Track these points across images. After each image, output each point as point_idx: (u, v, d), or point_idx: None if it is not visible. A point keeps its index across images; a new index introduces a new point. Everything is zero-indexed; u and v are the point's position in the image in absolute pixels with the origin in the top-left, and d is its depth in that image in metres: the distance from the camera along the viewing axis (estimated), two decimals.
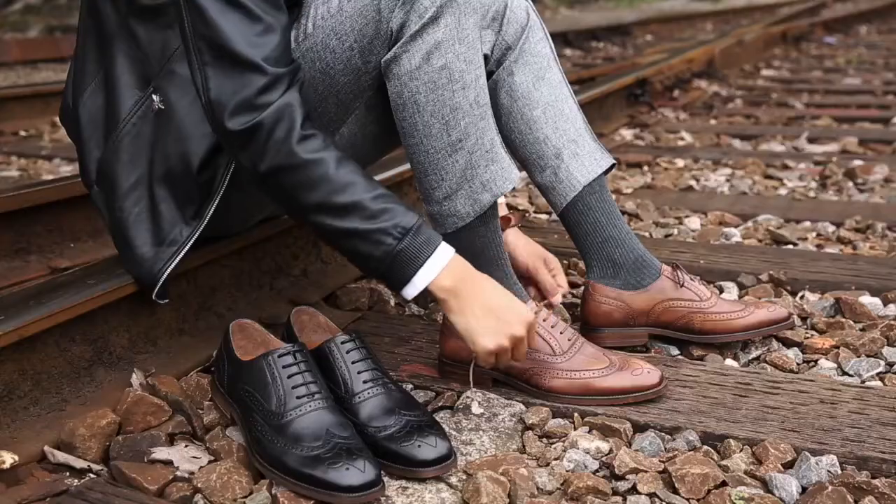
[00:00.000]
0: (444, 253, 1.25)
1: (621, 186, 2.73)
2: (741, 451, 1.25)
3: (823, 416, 1.31)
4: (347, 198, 1.21)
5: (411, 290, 1.24)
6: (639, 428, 1.32)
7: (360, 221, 1.21)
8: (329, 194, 1.22)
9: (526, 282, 1.63)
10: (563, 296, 1.69)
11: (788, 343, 1.60)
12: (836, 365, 1.52)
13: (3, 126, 3.93)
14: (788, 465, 1.22)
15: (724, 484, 1.18)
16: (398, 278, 1.24)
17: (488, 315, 1.26)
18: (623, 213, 2.33)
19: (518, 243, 1.67)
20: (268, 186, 1.26)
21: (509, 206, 2.44)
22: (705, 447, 1.26)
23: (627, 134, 3.64)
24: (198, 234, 1.39)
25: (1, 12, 10.01)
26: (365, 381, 1.26)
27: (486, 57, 1.52)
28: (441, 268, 1.24)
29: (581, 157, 1.53)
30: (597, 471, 1.23)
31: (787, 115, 3.98)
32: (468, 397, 1.37)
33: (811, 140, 3.43)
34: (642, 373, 1.36)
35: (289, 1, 1.33)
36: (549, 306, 1.63)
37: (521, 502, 1.15)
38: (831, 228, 2.29)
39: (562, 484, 1.20)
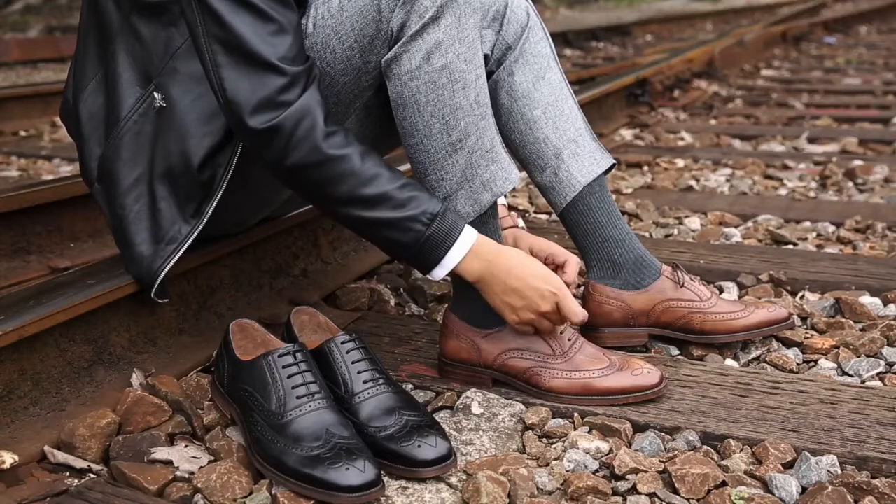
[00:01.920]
0: (470, 235, 1.30)
1: (621, 186, 2.73)
2: (741, 451, 1.25)
3: (823, 416, 1.31)
4: (375, 189, 1.25)
5: (440, 272, 1.30)
6: (639, 428, 1.32)
7: (390, 211, 1.26)
8: (356, 187, 1.25)
9: None
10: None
11: (788, 343, 1.60)
12: (836, 365, 1.52)
13: (3, 126, 3.93)
14: (788, 465, 1.22)
15: (724, 484, 1.18)
16: (427, 261, 1.29)
17: (512, 294, 1.32)
18: (623, 213, 2.34)
19: (519, 242, 1.63)
20: (293, 182, 1.30)
21: (510, 207, 2.43)
22: (705, 447, 1.26)
23: (627, 134, 3.64)
24: (197, 232, 1.39)
25: (1, 12, 10.01)
26: (365, 381, 1.27)
27: (486, 57, 1.52)
28: (467, 249, 1.29)
29: (581, 157, 1.53)
30: (597, 471, 1.23)
31: (787, 115, 3.98)
32: (468, 397, 1.37)
33: (811, 140, 3.43)
34: (642, 373, 1.36)
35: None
36: None
37: (521, 502, 1.15)
38: (831, 228, 2.30)
39: (562, 484, 1.20)
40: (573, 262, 1.56)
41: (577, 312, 1.33)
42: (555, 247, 1.59)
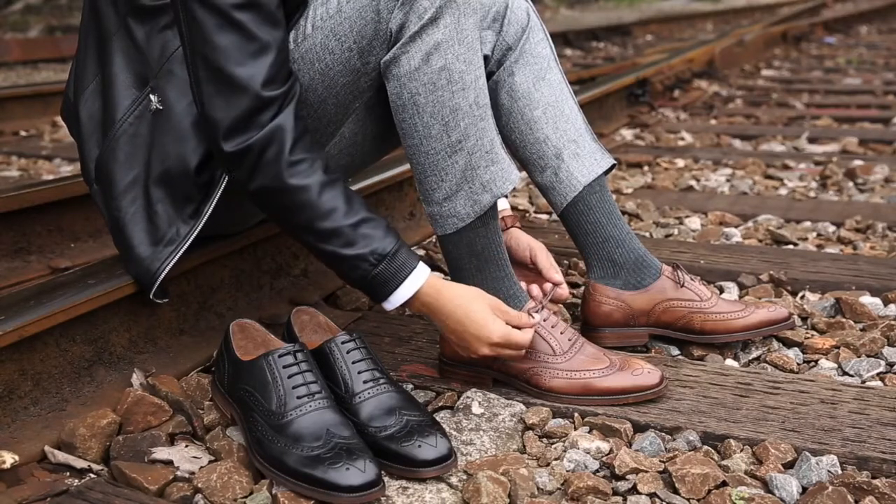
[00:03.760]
0: (419, 277, 1.30)
1: (622, 186, 2.73)
2: (741, 451, 1.25)
3: (824, 416, 1.31)
4: (328, 224, 1.27)
5: (388, 306, 1.32)
6: (639, 428, 1.32)
7: (340, 247, 1.28)
8: (311, 220, 1.28)
9: (527, 273, 1.58)
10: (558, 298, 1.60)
11: (789, 343, 1.60)
12: (836, 365, 1.52)
13: (3, 126, 3.93)
14: (789, 465, 1.22)
15: (724, 484, 1.18)
16: (376, 296, 1.32)
17: (457, 336, 1.34)
18: (623, 213, 2.34)
19: (517, 237, 1.59)
20: (257, 203, 1.33)
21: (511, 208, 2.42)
22: (706, 447, 1.26)
23: (628, 134, 3.64)
24: (196, 232, 1.39)
25: (1, 12, 10.01)
26: (365, 381, 1.26)
27: (486, 57, 1.52)
28: (414, 290, 1.30)
29: (581, 157, 1.53)
30: (597, 471, 1.23)
31: (788, 115, 3.98)
32: (468, 397, 1.37)
33: (811, 140, 3.43)
34: (642, 373, 1.36)
35: (292, 5, 1.34)
36: (550, 299, 1.55)
37: (521, 502, 1.15)
38: (831, 228, 2.30)
39: (562, 484, 1.20)
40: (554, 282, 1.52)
41: (516, 356, 1.36)
42: (541, 249, 1.55)
